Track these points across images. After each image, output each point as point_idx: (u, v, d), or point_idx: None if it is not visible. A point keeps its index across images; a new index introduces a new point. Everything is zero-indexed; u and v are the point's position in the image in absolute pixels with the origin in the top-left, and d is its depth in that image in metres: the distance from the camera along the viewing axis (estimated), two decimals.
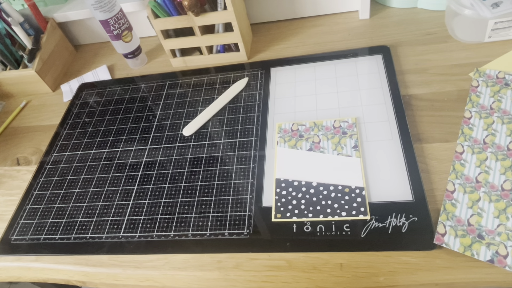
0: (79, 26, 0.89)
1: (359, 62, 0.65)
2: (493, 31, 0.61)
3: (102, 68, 0.83)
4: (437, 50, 0.64)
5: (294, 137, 0.57)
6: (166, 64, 0.79)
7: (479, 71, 0.58)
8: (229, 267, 0.48)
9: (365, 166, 0.52)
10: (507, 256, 0.41)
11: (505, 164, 0.48)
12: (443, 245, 0.43)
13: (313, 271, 0.45)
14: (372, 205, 0.48)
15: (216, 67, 0.74)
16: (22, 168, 0.69)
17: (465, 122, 0.53)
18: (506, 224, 0.43)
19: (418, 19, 0.71)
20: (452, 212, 0.45)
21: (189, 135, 0.62)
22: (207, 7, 0.68)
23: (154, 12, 0.68)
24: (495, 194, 0.45)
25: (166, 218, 0.53)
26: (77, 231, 0.55)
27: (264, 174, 0.55)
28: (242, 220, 0.51)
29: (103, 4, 0.68)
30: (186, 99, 0.69)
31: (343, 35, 0.73)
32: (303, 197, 0.51)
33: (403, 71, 0.63)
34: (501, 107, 0.53)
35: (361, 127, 0.56)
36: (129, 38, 0.75)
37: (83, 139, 0.68)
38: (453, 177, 0.48)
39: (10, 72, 0.80)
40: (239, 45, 0.71)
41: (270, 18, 0.81)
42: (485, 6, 0.59)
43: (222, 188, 0.55)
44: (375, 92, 0.60)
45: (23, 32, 0.78)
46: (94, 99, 0.76)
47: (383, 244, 0.45)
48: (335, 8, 0.77)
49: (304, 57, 0.70)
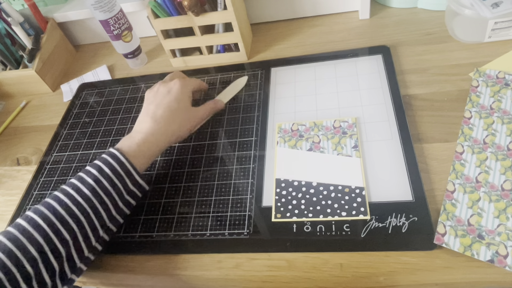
0: (79, 26, 0.89)
1: (359, 62, 0.65)
2: (493, 31, 0.61)
3: (102, 68, 0.83)
4: (437, 50, 0.64)
5: (294, 137, 0.57)
6: (166, 64, 0.79)
7: (479, 71, 0.58)
8: (229, 267, 0.48)
9: (365, 166, 0.52)
10: (507, 256, 0.41)
11: (505, 164, 0.48)
12: (443, 245, 0.43)
13: (313, 271, 0.45)
14: (372, 205, 0.48)
15: (216, 67, 0.74)
16: (22, 168, 0.69)
17: (465, 122, 0.53)
18: (506, 224, 0.43)
19: (418, 19, 0.71)
20: (452, 212, 0.45)
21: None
22: (207, 7, 0.68)
23: (154, 12, 0.68)
24: (495, 194, 0.45)
25: (166, 218, 0.53)
26: None
27: (264, 174, 0.55)
28: (242, 220, 0.51)
29: (103, 4, 0.68)
30: None
31: (343, 35, 0.73)
32: (303, 197, 0.51)
33: (403, 71, 0.63)
34: (501, 107, 0.53)
35: (361, 127, 0.56)
36: (129, 38, 0.75)
37: (83, 139, 0.68)
38: (453, 177, 0.48)
39: (10, 72, 0.80)
40: (239, 45, 0.71)
41: (270, 18, 0.81)
42: (485, 6, 0.59)
43: (222, 188, 0.55)
44: (375, 92, 0.60)
45: (23, 32, 0.78)
46: (94, 99, 0.76)
47: (383, 244, 0.45)
48: (335, 8, 0.77)
49: (304, 57, 0.70)
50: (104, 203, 0.47)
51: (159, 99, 0.55)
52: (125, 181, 0.49)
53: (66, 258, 0.44)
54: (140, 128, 0.54)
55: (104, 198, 0.47)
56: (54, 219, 0.44)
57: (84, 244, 0.46)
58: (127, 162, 0.49)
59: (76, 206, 0.45)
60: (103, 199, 0.47)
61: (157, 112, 0.54)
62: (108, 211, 0.48)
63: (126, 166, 0.49)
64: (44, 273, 0.42)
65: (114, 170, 0.48)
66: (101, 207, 0.47)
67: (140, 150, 0.51)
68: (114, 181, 0.48)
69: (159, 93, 0.56)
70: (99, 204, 0.47)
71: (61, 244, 0.44)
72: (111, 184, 0.48)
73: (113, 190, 0.48)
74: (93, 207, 0.46)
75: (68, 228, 0.44)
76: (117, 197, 0.49)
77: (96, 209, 0.47)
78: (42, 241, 0.42)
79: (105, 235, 0.49)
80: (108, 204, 0.48)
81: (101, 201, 0.47)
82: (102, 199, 0.47)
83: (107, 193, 0.48)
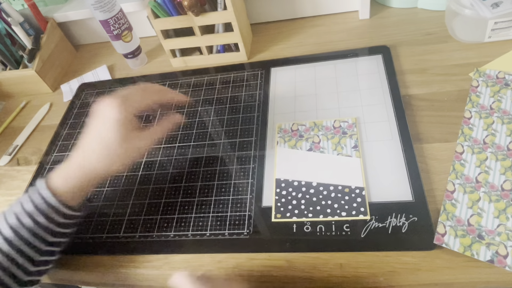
0: (79, 26, 0.89)
1: (359, 62, 0.65)
2: (493, 31, 0.61)
3: (102, 68, 0.83)
4: (437, 50, 0.64)
5: (294, 137, 0.57)
6: (166, 64, 0.79)
7: (479, 71, 0.58)
8: (229, 267, 0.48)
9: (365, 166, 0.52)
10: (507, 256, 0.41)
11: (505, 164, 0.48)
12: (443, 245, 0.43)
13: (313, 271, 0.45)
14: (372, 205, 0.48)
15: (216, 67, 0.74)
16: (22, 168, 0.69)
17: (465, 122, 0.53)
18: (506, 224, 0.43)
19: (418, 19, 0.71)
20: (452, 212, 0.45)
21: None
22: (207, 7, 0.68)
23: (154, 12, 0.68)
24: (495, 194, 0.45)
25: (166, 218, 0.53)
26: (77, 231, 0.55)
27: (264, 174, 0.55)
28: (242, 220, 0.51)
29: (103, 4, 0.68)
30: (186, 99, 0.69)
31: (343, 35, 0.73)
32: (303, 197, 0.51)
33: (403, 71, 0.63)
34: (501, 107, 0.53)
35: (361, 127, 0.56)
36: (129, 38, 0.75)
37: None
38: (453, 177, 0.48)
39: (10, 72, 0.80)
40: (239, 45, 0.71)
41: (270, 18, 0.81)
42: (485, 6, 0.59)
43: (222, 188, 0.55)
44: (375, 92, 0.60)
45: (23, 32, 0.78)
46: (94, 99, 0.76)
47: (383, 244, 0.45)
48: (335, 8, 0.77)
49: (304, 57, 0.70)
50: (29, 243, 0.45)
51: (92, 126, 0.47)
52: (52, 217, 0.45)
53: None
54: (70, 159, 0.48)
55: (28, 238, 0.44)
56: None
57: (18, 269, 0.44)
58: (53, 198, 0.45)
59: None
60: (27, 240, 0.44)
61: (87, 145, 0.47)
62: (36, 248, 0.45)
63: (51, 202, 0.45)
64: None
65: (37, 207, 0.45)
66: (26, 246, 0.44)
67: (69, 183, 0.46)
68: (36, 219, 0.45)
69: (93, 116, 0.47)
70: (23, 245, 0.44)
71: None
72: (35, 222, 0.44)
73: (38, 227, 0.45)
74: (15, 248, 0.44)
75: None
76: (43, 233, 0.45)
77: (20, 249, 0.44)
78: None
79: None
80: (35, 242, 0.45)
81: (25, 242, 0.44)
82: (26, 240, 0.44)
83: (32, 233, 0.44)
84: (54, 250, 0.48)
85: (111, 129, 0.46)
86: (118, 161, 0.47)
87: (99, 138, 0.46)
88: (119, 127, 0.46)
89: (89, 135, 0.47)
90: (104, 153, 0.46)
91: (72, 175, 0.46)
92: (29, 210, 0.44)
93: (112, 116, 0.45)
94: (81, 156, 0.47)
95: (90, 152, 0.46)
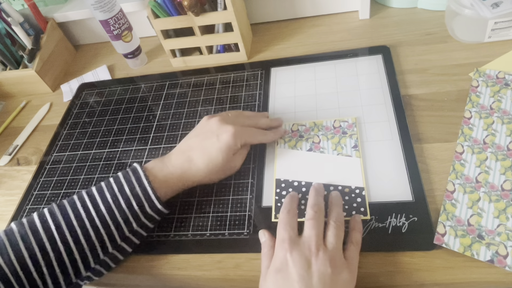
0: (79, 26, 0.89)
1: (359, 62, 0.65)
2: (493, 31, 0.61)
3: (102, 68, 0.83)
4: (437, 50, 0.64)
5: (294, 138, 0.57)
6: (166, 64, 0.79)
7: (479, 71, 0.58)
8: (229, 267, 0.48)
9: (365, 166, 0.52)
10: (507, 256, 0.41)
11: (505, 164, 0.48)
12: (443, 245, 0.43)
13: None
14: (372, 205, 0.48)
15: (216, 67, 0.74)
16: (22, 168, 0.69)
17: (465, 122, 0.53)
18: (506, 224, 0.43)
19: (418, 19, 0.71)
20: (452, 212, 0.45)
21: None
22: (207, 7, 0.68)
23: (154, 12, 0.68)
24: (495, 194, 0.45)
25: (166, 218, 0.53)
26: None
27: (264, 174, 0.55)
28: (242, 220, 0.51)
29: (103, 4, 0.68)
30: (186, 99, 0.69)
31: (343, 35, 0.73)
32: (303, 197, 0.51)
33: (403, 71, 0.63)
34: (501, 107, 0.53)
35: (361, 127, 0.56)
36: (129, 38, 0.75)
37: (83, 139, 0.68)
38: (453, 177, 0.48)
39: (10, 72, 0.80)
40: (239, 45, 0.71)
41: (270, 18, 0.81)
42: (485, 6, 0.59)
43: (222, 188, 0.55)
44: (375, 92, 0.60)
45: (23, 32, 0.78)
46: (94, 99, 0.76)
47: (383, 244, 0.45)
48: (335, 8, 0.77)
49: (304, 57, 0.70)
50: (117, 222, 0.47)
51: (204, 140, 0.51)
52: (143, 206, 0.48)
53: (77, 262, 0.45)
54: (171, 160, 0.51)
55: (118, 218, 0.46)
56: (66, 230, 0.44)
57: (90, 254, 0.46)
58: (149, 189, 0.48)
59: (90, 222, 0.45)
60: (117, 220, 0.46)
61: (194, 155, 0.50)
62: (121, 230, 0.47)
63: (148, 191, 0.48)
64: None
65: (133, 191, 0.47)
66: (113, 226, 0.46)
67: (165, 181, 0.49)
68: (132, 203, 0.47)
69: (208, 132, 0.51)
70: (111, 222, 0.46)
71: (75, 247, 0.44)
72: (128, 205, 0.47)
73: (130, 212, 0.47)
74: (106, 227, 0.46)
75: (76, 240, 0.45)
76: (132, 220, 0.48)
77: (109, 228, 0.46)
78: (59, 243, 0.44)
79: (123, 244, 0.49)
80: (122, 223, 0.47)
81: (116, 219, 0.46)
82: (116, 220, 0.46)
83: (122, 215, 0.47)
84: (125, 247, 0.49)
85: (223, 154, 0.50)
86: (215, 177, 0.52)
87: (209, 158, 0.50)
88: (229, 153, 0.50)
89: (199, 151, 0.50)
90: (207, 170, 0.50)
91: (171, 183, 0.50)
92: (127, 192, 0.47)
93: (229, 144, 0.50)
94: (186, 167, 0.50)
95: (195, 169, 0.50)
